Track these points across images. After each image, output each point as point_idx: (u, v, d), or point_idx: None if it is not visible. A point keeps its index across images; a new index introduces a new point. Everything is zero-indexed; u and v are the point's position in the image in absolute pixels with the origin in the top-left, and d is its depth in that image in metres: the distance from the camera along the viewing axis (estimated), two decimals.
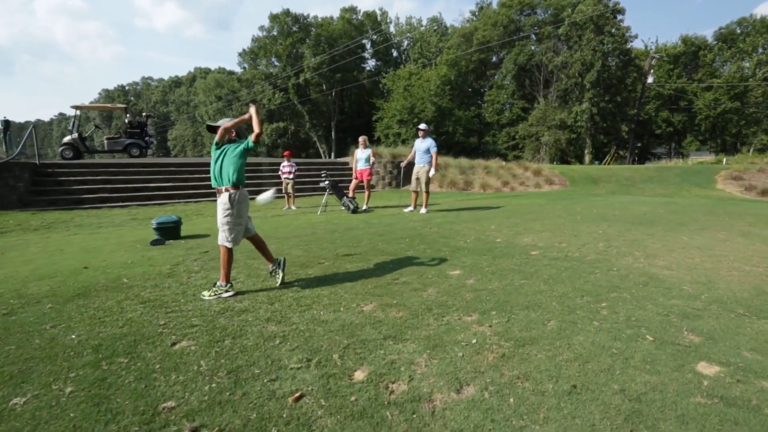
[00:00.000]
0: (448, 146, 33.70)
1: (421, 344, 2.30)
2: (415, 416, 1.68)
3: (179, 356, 2.20)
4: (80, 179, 10.44)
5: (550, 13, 37.11)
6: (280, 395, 1.83)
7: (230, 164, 3.29)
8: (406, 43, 47.97)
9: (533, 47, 36.52)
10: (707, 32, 79.17)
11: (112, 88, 77.48)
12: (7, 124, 10.61)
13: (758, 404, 1.72)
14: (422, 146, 8.00)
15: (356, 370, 2.04)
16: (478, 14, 41.24)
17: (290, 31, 42.04)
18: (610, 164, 29.47)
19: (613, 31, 30.59)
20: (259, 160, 17.47)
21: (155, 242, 5.24)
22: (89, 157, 16.99)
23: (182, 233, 5.94)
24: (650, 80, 31.47)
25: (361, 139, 9.32)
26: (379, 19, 46.17)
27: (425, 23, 46.26)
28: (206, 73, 58.88)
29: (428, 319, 2.66)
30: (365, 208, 9.03)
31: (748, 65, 34.41)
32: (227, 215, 3.21)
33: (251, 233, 3.55)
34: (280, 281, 3.42)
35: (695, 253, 4.45)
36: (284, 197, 10.07)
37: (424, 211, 8.10)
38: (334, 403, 1.77)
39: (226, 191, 3.24)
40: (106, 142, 14.03)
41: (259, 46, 44.60)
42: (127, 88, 76.69)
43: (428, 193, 8.17)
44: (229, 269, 3.24)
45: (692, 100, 35.03)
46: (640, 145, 39.69)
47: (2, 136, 10.57)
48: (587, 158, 32.41)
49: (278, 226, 6.82)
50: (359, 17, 45.08)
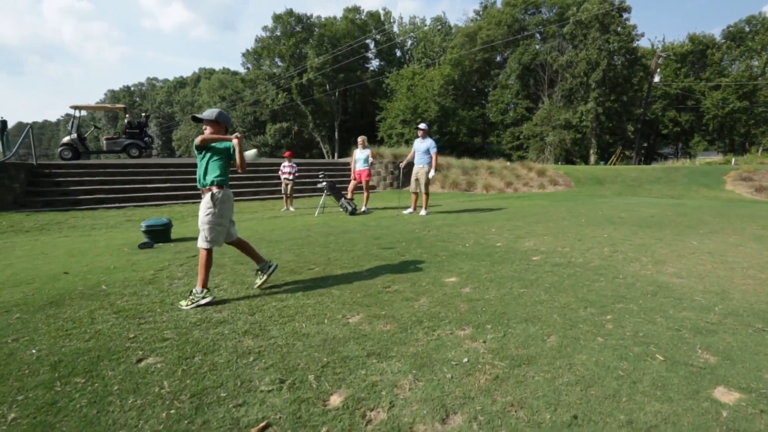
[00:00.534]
0: (451, 146, 33.48)
1: (407, 363, 2.10)
2: None
3: (142, 375, 2.02)
4: (77, 180, 10.34)
5: (554, 11, 36.74)
6: (244, 424, 1.64)
7: (215, 164, 3.16)
8: (409, 42, 47.75)
9: (538, 46, 36.17)
10: (715, 30, 78.23)
11: (117, 88, 77.95)
12: (4, 124, 10.55)
13: None
14: (422, 147, 7.80)
15: (332, 393, 1.84)
16: (482, 13, 40.92)
17: (293, 31, 41.97)
18: (615, 164, 29.08)
19: (618, 29, 30.19)
20: (259, 160, 17.35)
21: (143, 245, 5.08)
22: (95, 157, 16.93)
23: (174, 236, 5.78)
24: (657, 79, 31.02)
25: (359, 139, 9.14)
26: (382, 18, 45.99)
27: (429, 23, 46.04)
28: (210, 73, 58.99)
29: (418, 333, 2.45)
30: (364, 209, 8.84)
31: (757, 64, 33.83)
32: (208, 214, 3.08)
33: (233, 238, 3.39)
34: (258, 284, 3.33)
35: (706, 259, 4.21)
36: (282, 198, 9.91)
37: (423, 213, 7.89)
38: None
39: (208, 191, 3.12)
40: (105, 142, 13.94)
41: (262, 46, 44.59)
42: (132, 88, 77.08)
43: (428, 194, 7.98)
44: (206, 274, 3.06)
45: (700, 99, 34.51)
46: (646, 145, 39.20)
47: (0, 136, 10.52)
48: (592, 158, 32.01)
49: (273, 228, 6.65)
50: (362, 17, 44.91)
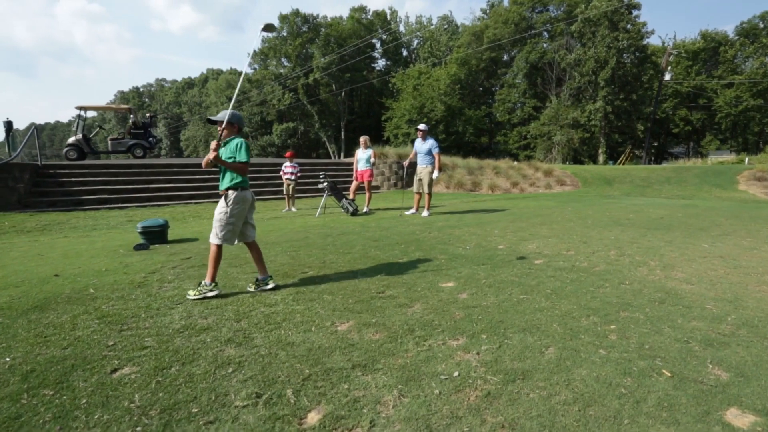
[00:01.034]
0: (457, 146, 33.25)
1: (393, 376, 1.97)
2: None
3: (114, 387, 1.92)
4: (81, 180, 10.37)
5: (563, 9, 36.29)
6: None
7: (228, 171, 3.24)
8: (415, 42, 47.55)
9: (545, 45, 35.76)
10: (728, 27, 76.71)
11: (127, 89, 78.88)
12: (9, 125, 10.64)
13: None
14: (423, 148, 7.65)
15: (310, 410, 1.72)
16: (489, 12, 40.58)
17: (300, 31, 42.03)
18: (624, 164, 28.60)
19: (628, 27, 29.68)
20: (261, 160, 17.32)
21: (139, 247, 5.02)
22: (105, 157, 17.03)
23: (171, 237, 5.72)
24: (667, 77, 30.45)
25: (362, 139, 9.02)
26: (388, 18, 45.85)
27: (435, 22, 45.79)
28: (218, 74, 59.41)
29: (408, 343, 2.32)
30: (366, 210, 8.72)
31: None
32: (221, 212, 3.19)
33: (248, 239, 3.44)
34: (253, 289, 3.32)
35: (718, 263, 4.02)
36: (284, 198, 9.84)
37: (425, 213, 7.75)
38: None
39: (224, 193, 3.25)
40: (110, 143, 14.02)
41: (269, 46, 44.72)
42: (141, 89, 77.93)
43: (430, 195, 7.83)
44: (215, 268, 3.20)
45: (712, 97, 33.83)
46: (656, 144, 38.56)
47: (5, 137, 10.61)
48: (601, 158, 31.53)
49: (272, 229, 6.56)
50: (369, 16, 44.82)
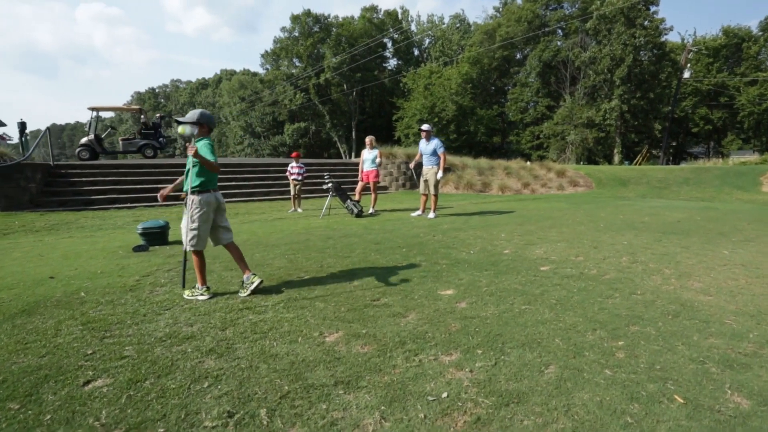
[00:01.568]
0: (469, 146, 32.88)
1: (377, 395, 1.83)
2: None
3: (83, 401, 1.82)
4: (91, 180, 10.49)
5: (577, 6, 35.56)
6: None
7: (192, 173, 3.17)
8: (427, 41, 47.26)
9: (559, 43, 35.10)
10: (752, 23, 74.26)
11: (143, 90, 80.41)
12: (23, 126, 10.84)
13: None
14: (428, 148, 7.47)
15: None
16: (501, 10, 40.03)
17: (311, 31, 42.16)
18: (641, 164, 27.86)
19: (645, 23, 28.91)
20: (268, 161, 17.35)
21: (138, 249, 4.98)
22: (121, 157, 17.27)
23: (173, 238, 5.68)
24: (687, 75, 29.58)
25: (367, 139, 8.90)
26: (400, 17, 45.66)
27: (447, 21, 45.42)
28: (231, 74, 60.04)
29: (397, 357, 2.18)
30: (371, 211, 8.60)
31: None
32: (185, 218, 3.19)
33: (224, 242, 3.42)
34: (243, 296, 3.21)
35: (739, 272, 3.76)
36: (290, 199, 9.78)
37: (432, 215, 7.58)
38: None
39: (184, 197, 3.22)
40: (121, 143, 14.21)
41: (280, 47, 45.00)
42: (157, 90, 79.35)
43: (437, 196, 7.64)
44: (200, 273, 3.22)
45: (734, 95, 32.70)
46: (674, 144, 37.50)
47: (19, 138, 10.82)
48: (616, 158, 30.80)
49: (274, 230, 6.48)
50: (380, 16, 44.70)
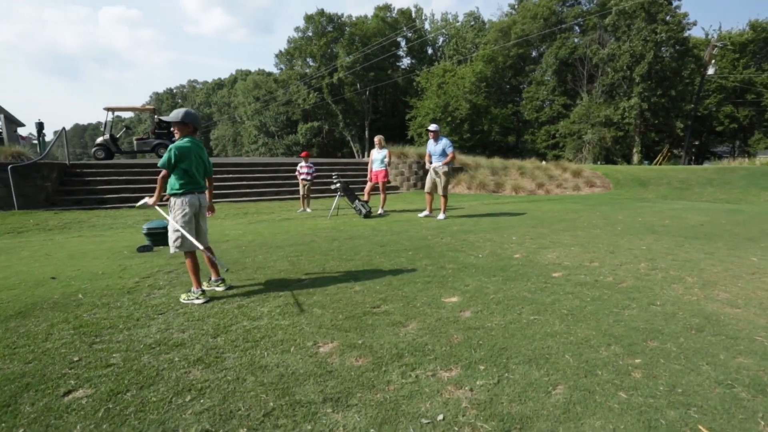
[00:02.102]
0: (483, 145, 32.44)
1: (367, 416, 1.69)
2: None
3: (59, 414, 1.74)
4: (105, 179, 10.65)
5: (595, 2, 34.67)
6: None
7: (172, 177, 3.15)
8: (441, 40, 46.84)
9: (576, 40, 34.28)
10: None
11: (161, 90, 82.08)
12: (41, 126, 11.08)
13: None
14: (437, 149, 7.29)
15: None
16: (517, 7, 39.35)
17: (324, 31, 42.25)
18: (661, 164, 27.01)
19: (667, 18, 27.97)
20: (279, 160, 17.38)
21: (142, 249, 4.96)
22: (141, 156, 17.52)
23: None
24: (711, 71, 28.50)
25: (376, 138, 8.78)
26: (413, 16, 45.36)
27: (461, 19, 44.90)
28: (246, 74, 60.69)
29: (392, 372, 2.04)
30: (380, 212, 8.47)
31: None
32: (170, 221, 3.16)
33: (202, 245, 3.30)
34: (220, 291, 3.33)
35: None
36: (299, 199, 9.73)
37: (441, 216, 7.40)
38: None
39: (167, 199, 3.21)
40: (135, 142, 14.44)
41: (294, 47, 45.25)
42: (174, 90, 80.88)
43: (446, 197, 7.45)
44: (194, 276, 3.17)
45: (762, 92, 31.35)
46: (697, 143, 36.24)
47: (37, 138, 11.05)
48: (636, 158, 29.92)
49: (280, 231, 6.40)
50: (394, 15, 44.51)
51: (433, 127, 7.39)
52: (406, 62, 48.12)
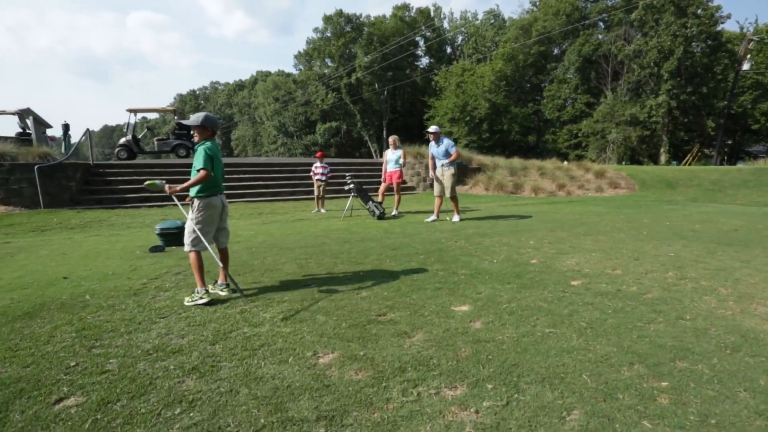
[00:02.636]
0: (502, 145, 31.85)
1: None
2: None
3: (47, 424, 1.68)
4: (126, 179, 10.91)
5: None
6: None
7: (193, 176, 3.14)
8: (460, 38, 46.30)
9: (600, 36, 33.21)
10: None
11: (185, 92, 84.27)
12: (66, 127, 11.47)
13: None
14: (440, 151, 7.09)
15: None
16: (538, 4, 38.46)
17: (343, 31, 42.39)
18: (691, 165, 25.87)
19: (698, 12, 26.74)
20: (295, 160, 17.47)
21: (154, 249, 4.99)
22: (165, 156, 17.97)
23: None
24: (746, 67, 27.11)
25: (391, 139, 8.64)
26: (432, 14, 45.00)
27: (481, 17, 44.25)
28: (266, 75, 61.58)
29: (393, 388, 1.91)
30: (394, 213, 8.34)
31: None
32: (191, 220, 3.17)
33: (221, 245, 3.39)
34: (223, 295, 3.26)
35: None
36: (314, 199, 9.70)
37: (456, 218, 7.19)
38: None
39: (190, 201, 3.22)
40: (156, 143, 14.78)
41: (313, 47, 45.59)
42: (197, 92, 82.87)
43: (455, 198, 7.20)
44: (198, 275, 3.14)
45: None
46: (730, 142, 34.54)
47: (62, 138, 11.44)
48: (663, 158, 28.76)
49: (292, 232, 6.36)
50: (412, 14, 44.26)
51: (433, 128, 7.16)
52: (424, 62, 47.81)
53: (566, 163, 18.63)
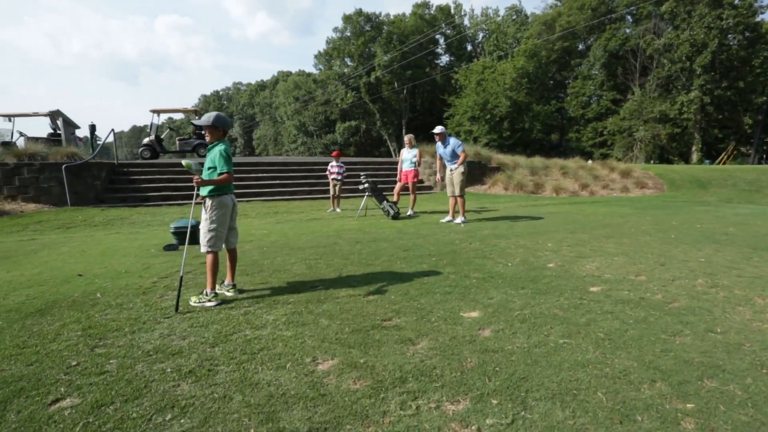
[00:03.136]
0: (524, 144, 31.18)
1: None
2: None
3: (39, 427, 1.67)
4: (149, 178, 11.19)
5: None
6: None
7: (208, 176, 3.14)
8: (480, 35, 45.56)
9: (628, 30, 32.02)
10: None
11: (208, 93, 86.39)
12: (93, 128, 11.89)
13: None
14: (447, 151, 6.89)
15: None
16: None
17: (362, 30, 42.42)
18: (726, 164, 24.60)
19: (735, 2, 25.38)
20: (313, 159, 17.53)
21: (168, 248, 5.05)
22: (190, 155, 18.41)
23: None
24: None
25: (406, 137, 8.53)
26: (452, 12, 44.46)
27: (503, 13, 43.39)
28: (287, 75, 62.35)
29: (392, 400, 1.81)
30: (410, 213, 8.23)
31: None
32: (205, 220, 3.16)
33: (230, 245, 3.37)
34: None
35: None
36: (329, 199, 9.69)
37: (459, 220, 6.92)
38: None
39: (203, 200, 3.19)
40: (178, 142, 15.14)
41: (333, 47, 45.84)
42: (220, 93, 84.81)
43: (463, 198, 6.97)
44: (213, 277, 3.11)
45: None
46: None
47: (90, 139, 11.87)
48: (695, 156, 27.48)
49: (305, 232, 6.34)
50: (432, 12, 43.86)
51: (438, 129, 6.95)
52: (444, 60, 47.34)
53: (590, 162, 18.02)
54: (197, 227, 5.49)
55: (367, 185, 7.99)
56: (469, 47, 46.41)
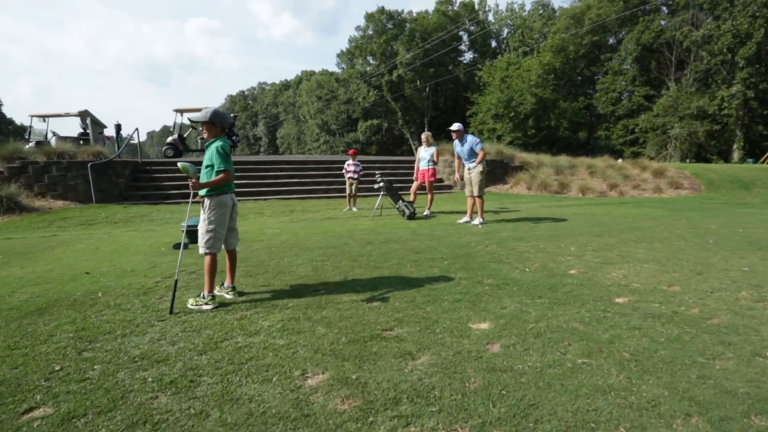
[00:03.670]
0: (549, 142, 30.19)
1: None
2: None
3: None
4: (170, 176, 11.40)
5: None
6: None
7: (206, 178, 3.03)
8: (505, 31, 44.49)
9: (663, 22, 30.38)
10: None
11: (234, 93, 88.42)
12: (119, 127, 12.25)
13: None
14: (464, 149, 6.61)
15: None
16: None
17: (384, 28, 42.22)
18: None
19: None
20: (332, 158, 17.49)
21: (178, 246, 5.02)
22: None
23: None
24: None
25: (423, 135, 8.27)
26: (476, 8, 43.59)
27: (528, 8, 42.18)
28: (311, 75, 62.93)
29: (381, 425, 1.62)
30: (426, 213, 7.99)
31: None
32: (203, 221, 3.06)
33: (230, 246, 3.26)
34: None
35: None
36: (345, 198, 9.57)
37: (477, 221, 6.63)
38: None
39: (202, 200, 3.08)
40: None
41: (355, 45, 45.85)
42: (246, 93, 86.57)
43: (482, 198, 6.67)
44: (211, 279, 3.01)
45: None
46: None
47: (115, 138, 12.24)
48: (736, 155, 25.83)
49: (317, 231, 6.22)
50: (455, 8, 43.15)
51: (455, 126, 6.67)
52: (468, 57, 46.44)
53: (620, 161, 17.20)
54: None
55: (382, 184, 7.80)
56: (493, 43, 45.40)
